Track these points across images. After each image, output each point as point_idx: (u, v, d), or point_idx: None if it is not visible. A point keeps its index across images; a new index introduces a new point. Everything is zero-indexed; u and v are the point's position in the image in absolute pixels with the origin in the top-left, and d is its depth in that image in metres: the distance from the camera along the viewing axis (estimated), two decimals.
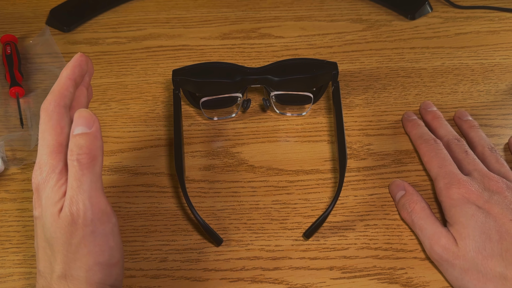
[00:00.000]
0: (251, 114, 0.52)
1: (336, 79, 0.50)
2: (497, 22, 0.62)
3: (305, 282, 0.40)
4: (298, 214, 0.44)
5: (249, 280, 0.40)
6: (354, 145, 0.49)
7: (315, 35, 0.61)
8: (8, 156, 0.48)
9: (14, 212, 0.44)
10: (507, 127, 0.51)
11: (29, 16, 0.63)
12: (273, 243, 0.42)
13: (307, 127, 0.51)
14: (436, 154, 0.45)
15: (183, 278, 0.40)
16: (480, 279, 0.37)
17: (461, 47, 0.59)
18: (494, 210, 0.39)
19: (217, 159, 0.48)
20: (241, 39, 0.60)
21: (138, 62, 0.57)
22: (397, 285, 0.40)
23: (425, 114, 0.51)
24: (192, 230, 0.43)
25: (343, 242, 0.42)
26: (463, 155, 0.45)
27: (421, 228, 0.41)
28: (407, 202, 0.43)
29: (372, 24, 0.62)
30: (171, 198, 0.45)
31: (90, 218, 0.33)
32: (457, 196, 0.40)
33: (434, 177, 0.44)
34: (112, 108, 0.52)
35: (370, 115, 0.52)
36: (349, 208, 0.45)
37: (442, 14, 0.63)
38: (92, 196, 0.33)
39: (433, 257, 0.40)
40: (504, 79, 0.55)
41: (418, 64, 0.57)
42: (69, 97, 0.35)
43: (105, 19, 0.62)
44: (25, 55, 0.57)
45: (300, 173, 0.47)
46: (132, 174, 0.47)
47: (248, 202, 0.45)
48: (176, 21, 0.62)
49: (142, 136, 0.50)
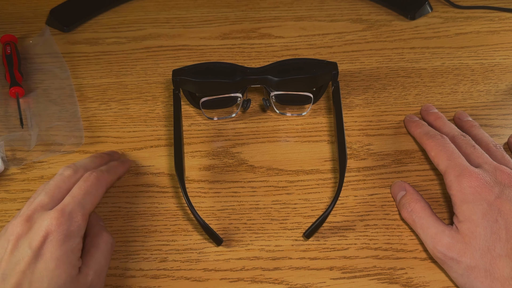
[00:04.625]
0: (251, 114, 0.52)
1: (336, 79, 0.50)
2: (497, 22, 0.62)
3: (305, 282, 0.40)
4: (298, 214, 0.44)
5: (249, 280, 0.40)
6: (354, 145, 0.49)
7: (315, 35, 0.61)
8: (8, 156, 0.48)
9: (14, 212, 0.44)
10: (507, 127, 0.51)
11: (29, 16, 0.63)
12: (273, 243, 0.42)
13: (307, 127, 0.51)
14: (444, 148, 0.44)
15: (183, 278, 0.40)
16: (487, 277, 0.37)
17: (461, 47, 0.59)
18: (505, 207, 0.38)
19: (217, 159, 0.48)
20: (241, 39, 0.60)
21: (138, 62, 0.57)
22: (397, 285, 0.40)
23: (426, 116, 0.51)
24: (192, 230, 0.43)
25: (343, 242, 0.42)
26: (471, 149, 0.44)
27: (422, 227, 0.41)
28: (407, 202, 0.43)
29: (372, 24, 0.62)
30: (171, 198, 0.45)
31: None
32: (469, 190, 0.40)
33: (444, 170, 0.42)
34: (112, 108, 0.52)
35: (370, 115, 0.52)
36: (349, 208, 0.45)
37: (442, 14, 0.63)
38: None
39: (436, 256, 0.40)
40: (504, 79, 0.55)
41: (418, 64, 0.57)
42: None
43: (105, 19, 0.62)
44: (25, 55, 0.57)
45: (300, 173, 0.47)
46: (132, 174, 0.47)
47: (248, 202, 0.45)
48: (176, 21, 0.62)
49: (142, 136, 0.50)
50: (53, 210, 0.37)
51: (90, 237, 0.40)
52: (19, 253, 0.36)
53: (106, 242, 0.40)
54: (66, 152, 0.48)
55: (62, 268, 0.35)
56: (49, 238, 0.36)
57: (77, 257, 0.37)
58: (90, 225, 0.41)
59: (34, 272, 0.35)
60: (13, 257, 0.36)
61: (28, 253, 0.35)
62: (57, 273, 0.35)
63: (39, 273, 0.35)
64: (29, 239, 0.36)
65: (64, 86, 0.54)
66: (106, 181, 0.42)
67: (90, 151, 0.49)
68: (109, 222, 0.44)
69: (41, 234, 0.36)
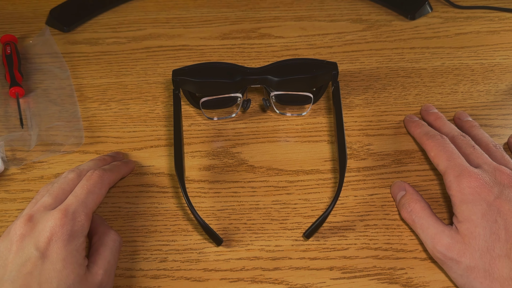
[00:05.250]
0: (251, 114, 0.52)
1: (336, 79, 0.50)
2: (497, 22, 0.62)
3: (305, 282, 0.40)
4: (298, 214, 0.44)
5: (249, 280, 0.40)
6: (354, 145, 0.49)
7: (315, 35, 0.61)
8: (8, 156, 0.48)
9: (14, 212, 0.44)
10: (507, 127, 0.51)
11: (29, 16, 0.63)
12: (273, 243, 0.42)
13: (307, 127, 0.51)
14: (444, 148, 0.44)
15: (183, 278, 0.40)
16: (487, 278, 0.37)
17: (461, 47, 0.59)
18: (504, 207, 0.38)
19: (217, 159, 0.48)
20: (241, 39, 0.60)
21: (138, 62, 0.57)
22: (397, 285, 0.40)
23: (426, 116, 0.51)
24: (192, 230, 0.43)
25: (343, 242, 0.42)
26: (470, 149, 0.44)
27: (422, 227, 0.41)
28: (407, 202, 0.43)
29: (372, 24, 0.62)
30: (171, 198, 0.45)
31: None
32: (468, 190, 0.40)
33: (444, 170, 0.43)
34: (112, 108, 0.52)
35: (370, 115, 0.52)
36: (349, 208, 0.45)
37: (442, 14, 0.63)
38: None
39: (436, 256, 0.40)
40: (504, 79, 0.55)
41: (418, 64, 0.57)
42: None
43: (105, 19, 0.62)
44: (25, 55, 0.57)
45: (300, 173, 0.47)
46: (132, 174, 0.47)
47: (248, 202, 0.45)
48: (176, 21, 0.62)
49: (142, 136, 0.50)
50: (56, 210, 0.37)
51: (97, 235, 0.40)
52: (24, 254, 0.36)
53: (114, 240, 0.40)
54: (66, 152, 0.48)
55: (70, 268, 0.35)
56: (53, 238, 0.36)
57: (82, 256, 0.37)
58: (96, 224, 0.41)
59: (42, 273, 0.35)
60: (18, 258, 0.35)
61: (34, 254, 0.35)
62: (66, 274, 0.35)
63: (47, 274, 0.35)
64: (34, 239, 0.36)
65: (64, 86, 0.54)
66: (109, 179, 0.42)
67: (90, 151, 0.49)
68: (109, 222, 0.44)
69: (46, 235, 0.36)
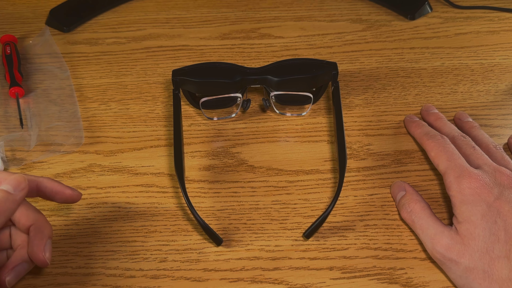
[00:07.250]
0: (251, 114, 0.52)
1: (336, 79, 0.50)
2: (497, 22, 0.62)
3: (305, 282, 0.40)
4: (298, 214, 0.44)
5: (249, 280, 0.40)
6: (354, 145, 0.49)
7: (315, 35, 0.61)
8: (8, 156, 0.48)
9: None
10: (507, 127, 0.51)
11: (29, 16, 0.63)
12: (273, 243, 0.42)
13: (307, 127, 0.51)
14: (444, 149, 0.44)
15: (183, 278, 0.40)
16: (486, 279, 0.37)
17: (461, 47, 0.59)
18: (504, 208, 0.38)
19: (217, 159, 0.48)
20: (241, 39, 0.60)
21: (138, 62, 0.57)
22: (397, 285, 0.40)
23: (427, 116, 0.51)
24: (192, 230, 0.43)
25: (343, 242, 0.42)
26: (470, 150, 0.44)
27: (422, 228, 0.41)
28: (407, 202, 0.43)
29: (372, 24, 0.62)
30: (171, 198, 0.45)
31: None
32: (468, 191, 0.40)
33: (444, 171, 0.43)
34: (112, 108, 0.52)
35: (370, 115, 0.52)
36: (349, 208, 0.45)
37: (442, 14, 0.63)
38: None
39: (435, 257, 0.40)
40: (504, 79, 0.55)
41: (418, 64, 0.57)
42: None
43: (105, 19, 0.62)
44: (25, 55, 0.57)
45: (300, 173, 0.47)
46: (132, 174, 0.47)
47: (248, 202, 0.45)
48: (176, 21, 0.62)
49: (142, 136, 0.50)
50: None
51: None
52: None
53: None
54: (66, 152, 0.48)
55: None
56: None
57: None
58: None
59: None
60: None
61: None
62: None
63: None
64: None
65: (64, 86, 0.54)
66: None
67: (90, 151, 0.49)
68: (109, 222, 0.44)
69: None
